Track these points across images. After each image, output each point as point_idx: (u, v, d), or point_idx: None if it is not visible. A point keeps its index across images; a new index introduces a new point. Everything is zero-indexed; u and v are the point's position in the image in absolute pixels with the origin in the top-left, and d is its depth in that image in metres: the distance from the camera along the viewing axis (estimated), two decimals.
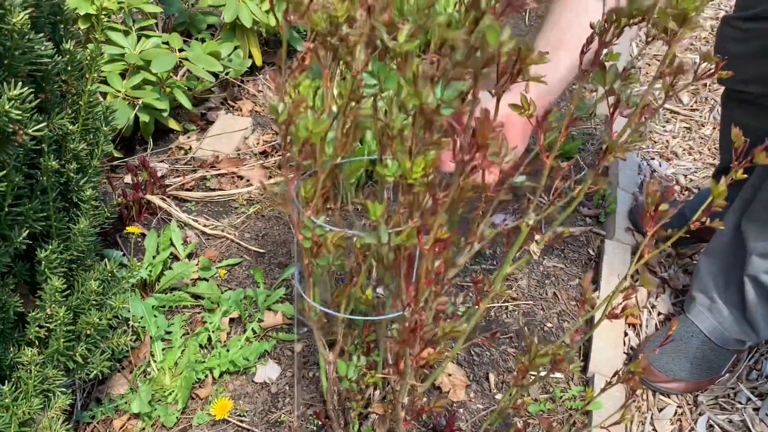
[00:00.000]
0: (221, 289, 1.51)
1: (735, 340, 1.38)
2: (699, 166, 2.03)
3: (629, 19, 0.77)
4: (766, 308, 1.31)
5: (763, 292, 1.29)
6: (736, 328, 1.36)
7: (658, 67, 0.77)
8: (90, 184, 1.05)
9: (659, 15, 0.74)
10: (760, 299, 1.30)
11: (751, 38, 1.34)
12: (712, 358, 1.39)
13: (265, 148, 1.95)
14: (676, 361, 1.38)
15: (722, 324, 1.37)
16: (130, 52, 1.80)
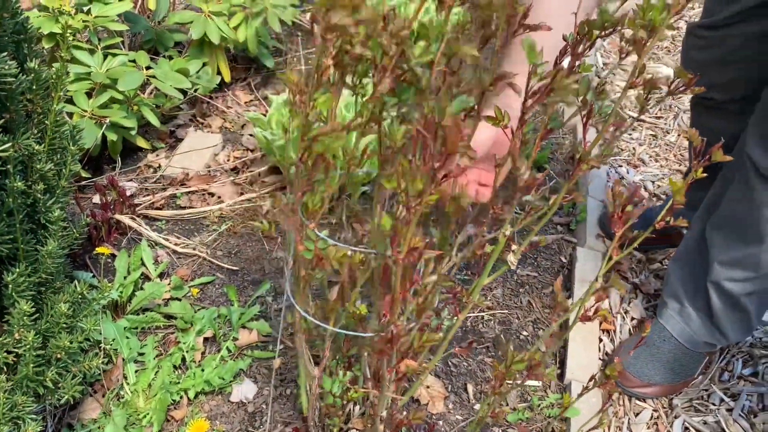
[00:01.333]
0: (194, 308, 1.49)
1: (705, 343, 1.40)
2: (666, 172, 2.07)
3: (601, 30, 0.78)
4: (731, 314, 1.33)
5: (727, 299, 1.31)
6: (705, 331, 1.38)
7: (628, 77, 0.78)
8: (58, 204, 1.03)
9: (629, 26, 0.76)
10: (724, 305, 1.32)
11: (713, 46, 1.37)
12: (685, 361, 1.40)
13: (236, 164, 1.94)
14: (650, 366, 1.40)
15: (691, 328, 1.39)
16: (96, 71, 1.78)
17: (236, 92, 2.24)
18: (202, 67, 2.03)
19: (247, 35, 2.05)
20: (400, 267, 0.71)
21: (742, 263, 1.26)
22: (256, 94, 2.23)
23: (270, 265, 1.63)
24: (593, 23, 0.77)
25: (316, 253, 0.76)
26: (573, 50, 0.81)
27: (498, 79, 0.72)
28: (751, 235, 1.23)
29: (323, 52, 0.70)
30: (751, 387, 1.44)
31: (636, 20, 0.75)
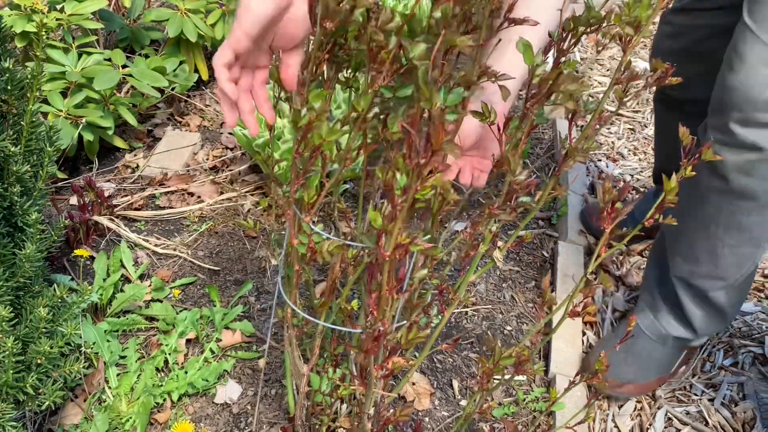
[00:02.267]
0: (176, 309, 1.47)
1: (675, 337, 1.37)
2: (644, 165, 2.09)
3: (586, 27, 0.78)
4: (701, 308, 1.31)
5: (694, 294, 1.30)
6: (675, 325, 1.36)
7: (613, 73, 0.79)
8: (35, 207, 1.01)
9: (615, 21, 0.76)
10: (692, 300, 1.31)
11: (681, 33, 1.36)
12: (658, 357, 1.39)
13: (216, 163, 1.92)
14: (623, 364, 1.38)
15: (660, 321, 1.37)
16: (71, 70, 1.75)
17: (214, 90, 2.21)
18: (179, 65, 2.01)
19: (224, 32, 2.03)
20: (387, 264, 0.70)
21: (702, 258, 1.25)
22: None
23: (252, 265, 1.61)
24: (579, 19, 0.77)
25: (310, 247, 0.75)
26: (558, 46, 0.81)
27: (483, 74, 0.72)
28: (703, 228, 1.22)
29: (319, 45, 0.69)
30: (731, 377, 1.46)
31: (622, 17, 0.75)
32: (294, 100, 0.70)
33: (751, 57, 1.04)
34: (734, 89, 1.07)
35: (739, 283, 1.28)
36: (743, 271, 1.25)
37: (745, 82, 1.05)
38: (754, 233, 1.18)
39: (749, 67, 1.04)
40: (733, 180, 1.12)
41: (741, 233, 1.18)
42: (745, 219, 1.16)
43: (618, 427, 1.36)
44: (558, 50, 0.81)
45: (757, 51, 1.03)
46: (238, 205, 1.77)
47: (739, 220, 1.17)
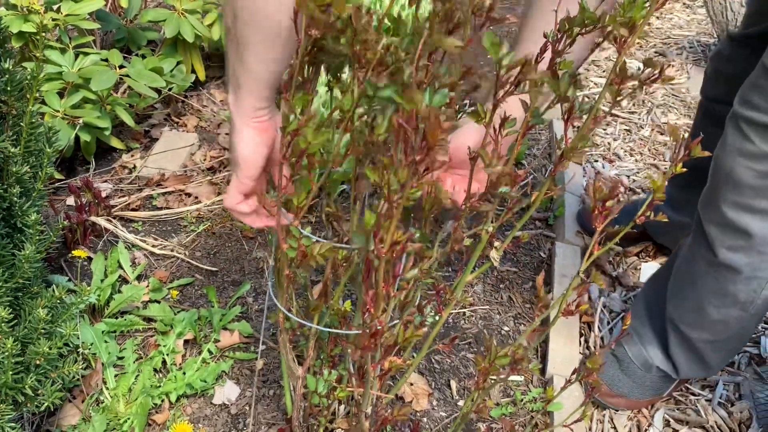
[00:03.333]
0: (174, 310, 1.47)
1: (658, 368, 1.36)
2: (641, 166, 2.09)
3: (582, 28, 0.79)
4: (685, 353, 1.31)
5: (681, 338, 1.30)
6: (661, 359, 1.35)
7: (608, 74, 0.79)
8: (34, 208, 1.01)
9: (610, 22, 0.76)
10: (678, 343, 1.30)
11: (730, 59, 1.37)
12: (651, 380, 1.38)
13: (213, 163, 1.92)
14: (618, 377, 1.38)
15: (648, 351, 1.36)
16: (68, 71, 1.75)
17: (211, 90, 2.21)
18: (176, 65, 2.01)
19: (221, 33, 2.03)
20: (383, 261, 0.71)
21: (689, 310, 1.26)
22: None
23: (249, 266, 1.61)
24: (574, 20, 0.78)
25: (300, 250, 0.75)
26: (553, 48, 0.81)
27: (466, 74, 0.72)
28: (691, 283, 1.24)
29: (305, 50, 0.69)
30: (727, 377, 1.46)
31: (616, 18, 0.76)
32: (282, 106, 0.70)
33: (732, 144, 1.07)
34: (725, 173, 1.09)
35: (727, 344, 1.28)
36: (731, 333, 1.24)
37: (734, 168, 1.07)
38: (740, 298, 1.17)
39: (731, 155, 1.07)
40: (719, 254, 1.15)
41: (726, 297, 1.19)
42: (731, 287, 1.17)
43: (615, 428, 1.37)
44: (553, 51, 0.81)
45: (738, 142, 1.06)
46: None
47: (725, 286, 1.18)
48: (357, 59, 0.69)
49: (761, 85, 1.02)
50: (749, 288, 1.16)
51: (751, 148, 1.04)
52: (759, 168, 1.05)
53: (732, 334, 1.25)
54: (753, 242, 1.10)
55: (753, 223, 1.09)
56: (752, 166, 1.05)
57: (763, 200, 1.07)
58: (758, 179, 1.05)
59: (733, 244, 1.13)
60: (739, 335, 1.27)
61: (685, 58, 2.65)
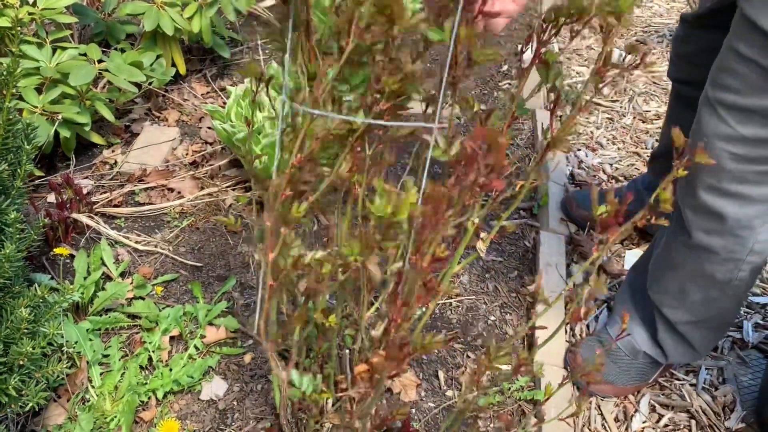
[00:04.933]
0: (159, 306, 1.46)
1: (645, 353, 1.37)
2: (623, 155, 2.11)
3: (568, 17, 0.79)
4: (672, 337, 1.32)
5: (666, 322, 1.31)
6: (647, 345, 1.37)
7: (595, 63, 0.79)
8: (14, 206, 0.99)
9: (597, 12, 0.76)
10: (665, 327, 1.32)
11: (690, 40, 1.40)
12: (637, 367, 1.39)
13: (195, 158, 1.90)
14: (606, 365, 1.38)
15: (634, 337, 1.38)
16: (45, 66, 1.72)
17: (192, 84, 2.19)
18: (156, 59, 1.98)
19: (201, 26, 2.01)
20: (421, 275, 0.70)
21: (670, 292, 1.27)
22: (212, 86, 2.19)
23: (235, 260, 1.60)
24: (561, 10, 0.77)
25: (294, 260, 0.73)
26: (538, 38, 0.81)
27: None
28: (671, 265, 1.25)
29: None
30: (711, 361, 1.48)
31: (604, 7, 0.75)
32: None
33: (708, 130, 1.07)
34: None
35: (709, 325, 1.29)
36: (712, 314, 1.26)
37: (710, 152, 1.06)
38: (717, 278, 1.19)
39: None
40: (694, 236, 1.16)
41: (704, 278, 1.20)
42: (707, 267, 1.18)
43: (602, 414, 1.38)
44: (538, 41, 0.81)
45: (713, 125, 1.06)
46: (219, 200, 1.76)
47: (702, 267, 1.19)
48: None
49: (730, 66, 1.02)
50: (725, 268, 1.17)
51: (728, 131, 1.04)
52: (735, 151, 1.04)
53: (713, 314, 1.27)
54: (727, 225, 1.11)
55: (727, 206, 1.09)
56: (729, 149, 1.05)
57: (738, 184, 1.07)
58: (735, 162, 1.05)
59: (708, 227, 1.14)
60: (721, 316, 1.29)
61: (665, 46, 2.66)
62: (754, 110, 1.00)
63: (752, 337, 1.54)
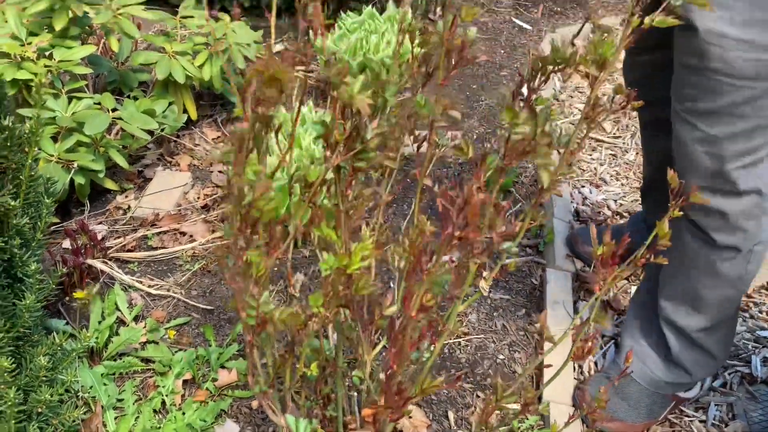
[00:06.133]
0: (172, 350, 1.49)
1: (667, 383, 1.38)
2: (627, 190, 2.13)
3: (554, 66, 0.83)
4: (689, 352, 1.34)
5: (680, 336, 1.33)
6: (664, 371, 1.38)
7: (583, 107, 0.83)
8: (34, 257, 1.03)
9: (581, 61, 0.80)
10: (679, 343, 1.33)
11: (635, 67, 1.47)
12: (648, 402, 1.40)
13: (207, 201, 1.94)
14: (615, 401, 1.40)
15: (650, 367, 1.38)
16: (61, 115, 1.77)
17: (203, 129, 2.24)
18: (168, 106, 2.04)
19: (212, 73, 2.07)
20: (411, 323, 0.73)
21: (684, 298, 1.30)
22: (223, 131, 2.24)
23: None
24: (546, 59, 0.82)
25: (260, 317, 0.76)
26: (528, 85, 0.85)
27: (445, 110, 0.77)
28: (684, 270, 1.29)
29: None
30: (720, 397, 1.49)
31: (587, 56, 0.79)
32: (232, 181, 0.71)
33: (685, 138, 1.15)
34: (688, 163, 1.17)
35: (721, 326, 1.32)
36: (726, 313, 1.30)
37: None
38: (731, 276, 1.24)
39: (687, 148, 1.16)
40: (711, 235, 1.22)
41: (719, 278, 1.25)
42: (721, 266, 1.23)
43: None
44: (529, 88, 0.85)
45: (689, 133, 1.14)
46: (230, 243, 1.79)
47: (717, 267, 1.24)
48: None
49: (686, 79, 1.11)
50: (737, 263, 1.23)
51: (699, 135, 1.12)
52: (713, 151, 1.12)
53: (726, 315, 1.31)
54: (730, 221, 1.18)
55: (723, 203, 1.17)
56: (707, 150, 1.13)
57: (725, 181, 1.15)
58: (716, 162, 1.13)
59: (715, 225, 1.20)
60: (732, 317, 1.34)
61: None
62: (717, 111, 1.09)
63: (761, 371, 1.54)
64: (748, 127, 1.09)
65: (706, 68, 1.05)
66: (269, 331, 0.79)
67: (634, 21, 0.77)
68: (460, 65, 0.85)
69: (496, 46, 2.93)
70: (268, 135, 0.82)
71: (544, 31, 3.08)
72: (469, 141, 0.84)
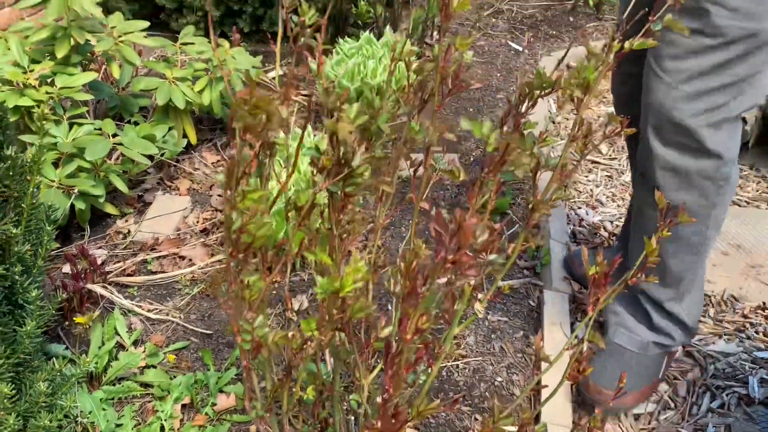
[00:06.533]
0: (171, 374, 1.49)
1: (655, 344, 1.47)
2: (623, 212, 2.15)
3: (540, 91, 0.85)
4: (665, 318, 1.44)
5: (654, 304, 1.43)
6: (652, 334, 1.47)
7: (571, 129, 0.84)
8: (35, 284, 1.04)
9: (565, 85, 0.82)
10: (655, 311, 1.44)
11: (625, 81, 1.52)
12: (646, 365, 1.49)
13: (206, 225, 1.96)
14: (616, 376, 1.46)
15: (636, 332, 1.48)
16: (63, 141, 1.80)
17: (203, 153, 2.27)
18: (168, 131, 2.07)
19: (211, 98, 2.09)
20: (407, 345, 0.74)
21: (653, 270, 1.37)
22: (222, 155, 2.26)
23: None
24: (532, 84, 0.84)
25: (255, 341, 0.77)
26: (516, 110, 0.87)
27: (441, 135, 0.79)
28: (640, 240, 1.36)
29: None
30: (718, 419, 1.49)
31: (571, 80, 0.82)
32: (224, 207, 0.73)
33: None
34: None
35: (688, 295, 1.42)
36: (686, 282, 1.39)
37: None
38: (692, 241, 1.33)
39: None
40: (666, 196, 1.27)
41: (680, 242, 1.33)
42: (681, 229, 1.31)
43: None
44: (517, 113, 0.87)
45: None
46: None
47: (677, 231, 1.31)
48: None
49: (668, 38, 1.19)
50: (697, 229, 1.32)
51: (675, 93, 1.21)
52: (685, 107, 1.21)
53: (690, 285, 1.41)
54: (690, 178, 1.26)
55: (689, 161, 1.25)
56: (680, 106, 1.21)
57: (691, 138, 1.23)
58: (689, 117, 1.21)
59: (676, 185, 1.28)
60: (698, 287, 1.44)
61: None
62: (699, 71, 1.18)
63: (758, 392, 1.54)
64: (716, 85, 1.20)
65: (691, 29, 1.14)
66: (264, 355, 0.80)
67: (615, 45, 0.79)
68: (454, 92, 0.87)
69: (492, 69, 2.96)
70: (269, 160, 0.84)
71: (540, 54, 3.13)
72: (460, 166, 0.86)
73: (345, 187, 0.84)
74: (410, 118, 0.91)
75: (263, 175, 0.87)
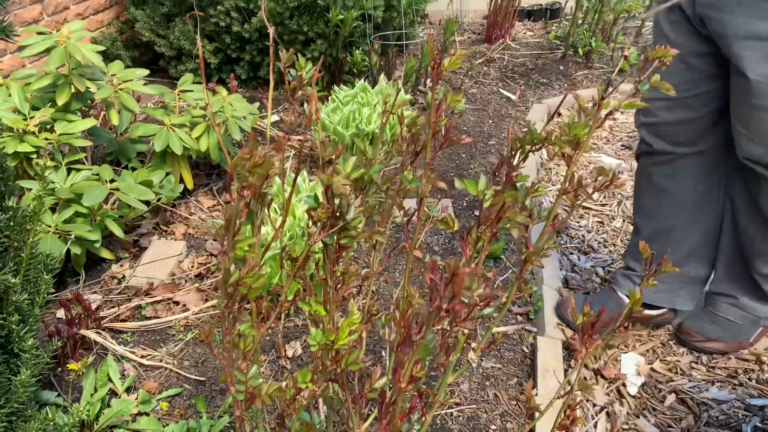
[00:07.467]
0: (163, 422, 1.48)
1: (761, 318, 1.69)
2: (615, 257, 2.17)
3: (531, 146, 0.88)
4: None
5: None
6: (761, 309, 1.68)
7: (561, 183, 0.87)
8: (31, 333, 1.05)
9: (555, 142, 0.85)
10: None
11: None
12: (742, 325, 1.69)
13: (200, 270, 1.97)
14: (710, 326, 1.70)
15: (746, 310, 1.68)
16: (60, 187, 1.82)
17: (199, 198, 2.29)
18: (165, 176, 2.09)
19: (209, 144, 2.12)
20: (401, 394, 0.75)
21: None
22: (218, 199, 2.29)
23: None
24: (523, 140, 0.87)
25: (249, 392, 0.78)
26: (509, 163, 0.90)
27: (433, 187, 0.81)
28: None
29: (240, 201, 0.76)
30: None
31: (562, 137, 0.84)
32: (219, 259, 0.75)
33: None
34: None
35: None
36: None
37: None
38: None
39: None
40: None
41: None
42: None
43: None
44: (509, 166, 0.90)
45: None
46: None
47: None
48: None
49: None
50: None
51: None
52: None
53: None
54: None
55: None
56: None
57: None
58: None
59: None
60: None
61: None
62: None
63: None
64: None
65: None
66: (258, 406, 0.81)
67: (605, 104, 0.82)
68: (446, 147, 0.90)
69: (484, 116, 3.02)
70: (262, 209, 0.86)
71: (531, 102, 3.19)
72: (453, 215, 0.89)
73: (340, 239, 0.86)
74: (404, 167, 0.94)
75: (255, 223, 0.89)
